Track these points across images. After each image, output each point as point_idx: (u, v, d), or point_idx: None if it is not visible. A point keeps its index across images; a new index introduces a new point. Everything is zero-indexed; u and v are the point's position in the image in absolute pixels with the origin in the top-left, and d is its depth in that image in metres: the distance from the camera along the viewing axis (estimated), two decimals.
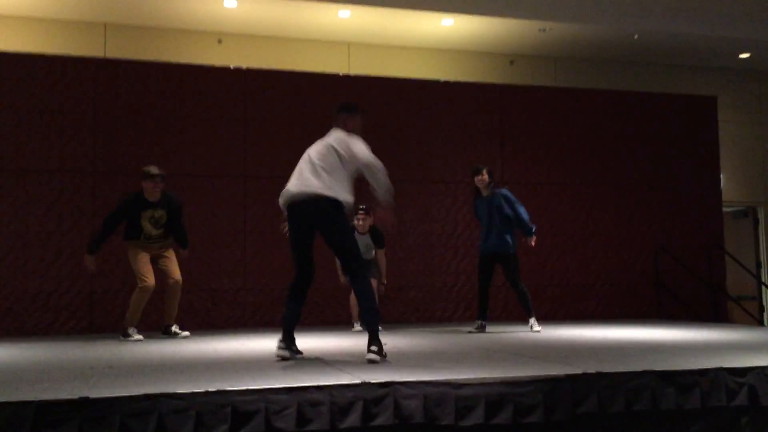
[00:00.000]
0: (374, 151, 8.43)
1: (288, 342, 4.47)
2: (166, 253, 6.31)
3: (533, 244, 6.72)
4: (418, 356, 4.61)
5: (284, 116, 8.07)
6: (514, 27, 8.86)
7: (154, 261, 6.25)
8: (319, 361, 4.25)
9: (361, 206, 6.83)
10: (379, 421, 3.23)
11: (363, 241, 6.85)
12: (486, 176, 6.75)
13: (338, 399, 3.21)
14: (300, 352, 4.56)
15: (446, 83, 8.77)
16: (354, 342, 5.66)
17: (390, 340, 5.71)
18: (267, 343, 5.61)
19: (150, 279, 6.10)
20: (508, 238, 6.65)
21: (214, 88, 7.89)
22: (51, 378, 3.67)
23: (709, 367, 3.78)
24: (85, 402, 2.94)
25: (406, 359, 4.40)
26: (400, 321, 8.04)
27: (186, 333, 6.37)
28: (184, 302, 7.44)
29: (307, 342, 5.67)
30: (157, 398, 3.02)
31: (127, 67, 7.70)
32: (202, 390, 3.09)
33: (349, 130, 4.70)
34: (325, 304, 7.84)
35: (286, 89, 8.13)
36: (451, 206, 8.50)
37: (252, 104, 7.99)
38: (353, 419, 3.20)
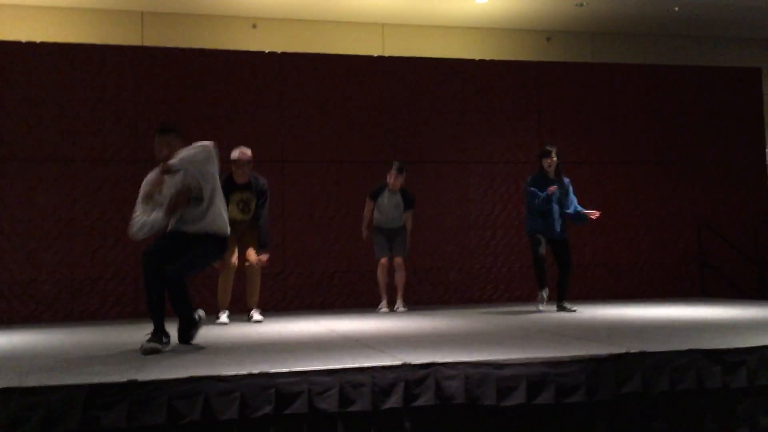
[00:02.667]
0: (411, 132, 8.46)
1: None
2: (253, 235, 6.14)
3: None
4: (459, 337, 4.61)
5: (320, 99, 8.09)
6: (550, 2, 8.72)
7: (241, 243, 6.13)
8: (360, 343, 4.29)
9: (395, 161, 6.94)
10: (420, 402, 3.26)
11: (394, 199, 6.86)
12: (555, 158, 6.64)
13: (380, 380, 3.23)
14: None
15: (482, 62, 8.68)
16: (393, 324, 5.68)
17: (430, 322, 5.72)
18: (308, 326, 5.68)
19: (228, 258, 5.94)
20: (564, 224, 6.71)
21: (249, 73, 7.94)
22: (100, 362, 3.76)
23: (756, 344, 3.72)
24: (133, 385, 3.01)
25: (446, 340, 4.41)
26: (440, 303, 8.05)
27: (259, 317, 6.16)
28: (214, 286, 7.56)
29: (347, 324, 5.71)
30: (203, 380, 3.08)
31: (165, 55, 7.79)
32: (246, 372, 3.15)
33: None
34: (365, 286, 7.88)
35: (321, 72, 8.14)
36: (489, 187, 8.44)
37: (287, 88, 8.02)
38: (395, 400, 3.23)
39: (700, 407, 3.55)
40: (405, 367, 3.29)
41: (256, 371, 3.17)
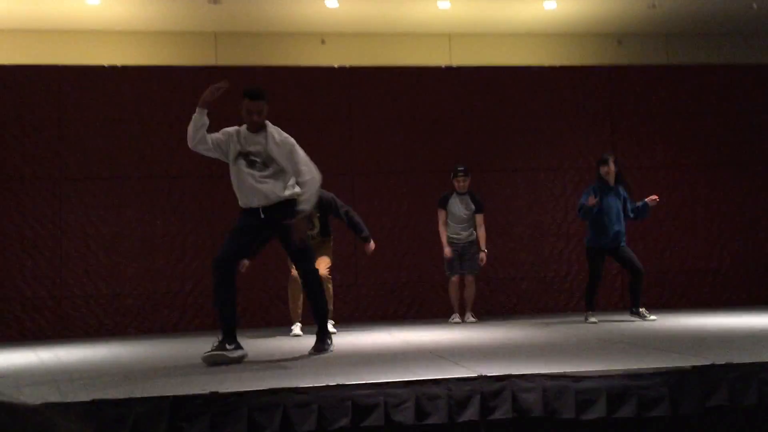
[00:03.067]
0: (481, 141, 8.42)
1: None
2: (324, 247, 6.29)
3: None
4: (534, 348, 4.55)
5: (388, 112, 8.14)
6: (621, 5, 8.53)
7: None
8: (435, 355, 4.28)
9: (460, 167, 7.06)
10: (497, 415, 3.23)
11: (463, 201, 7.03)
12: (613, 166, 6.59)
13: (455, 393, 3.22)
14: None
15: (551, 68, 8.57)
16: (467, 335, 5.65)
17: (504, 333, 5.67)
18: (382, 337, 5.71)
19: (294, 270, 5.98)
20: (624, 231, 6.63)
21: (319, 88, 8.07)
22: (182, 373, 3.88)
23: None
24: (215, 396, 3.10)
25: (521, 351, 4.36)
26: (512, 312, 7.95)
27: (333, 330, 6.15)
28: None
29: (420, 336, 5.72)
30: (281, 392, 3.14)
31: (237, 73, 7.97)
32: (323, 384, 3.19)
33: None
34: (436, 297, 7.86)
35: (390, 85, 8.20)
36: (561, 194, 8.30)
37: (356, 102, 8.11)
38: (471, 413, 3.21)
39: None
40: (481, 379, 3.27)
41: (332, 383, 3.21)
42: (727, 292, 8.40)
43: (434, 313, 7.82)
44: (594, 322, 6.38)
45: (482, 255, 7.03)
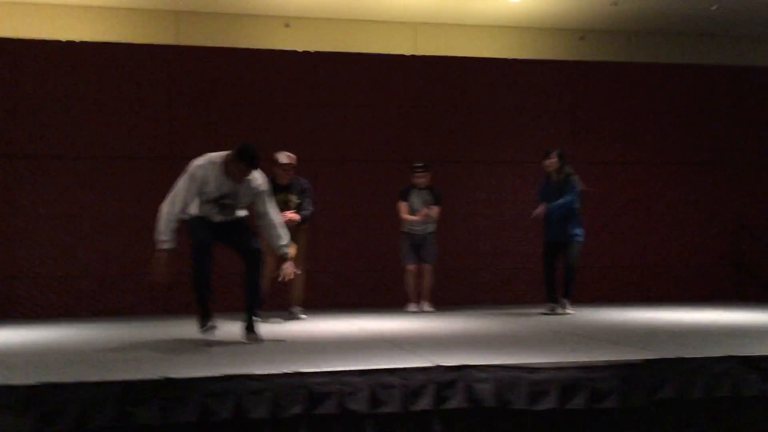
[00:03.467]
0: (443, 132, 8.43)
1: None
2: (298, 239, 6.26)
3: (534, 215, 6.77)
4: (490, 339, 4.59)
5: (352, 98, 8.09)
6: (585, 1, 8.60)
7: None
8: (391, 344, 4.28)
9: (418, 163, 7.14)
10: (451, 405, 3.25)
11: (421, 196, 7.05)
12: (555, 160, 6.67)
13: (410, 382, 3.23)
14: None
15: (515, 61, 8.61)
16: (424, 324, 5.67)
17: (460, 323, 5.70)
18: (339, 325, 5.69)
19: (271, 259, 6.06)
20: (570, 225, 6.65)
21: (282, 72, 7.98)
22: (134, 358, 3.81)
23: None
24: (167, 382, 3.05)
25: (477, 342, 4.39)
26: (470, 302, 8.01)
27: (304, 316, 6.49)
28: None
29: (377, 324, 5.72)
30: (235, 379, 3.11)
31: (198, 54, 7.86)
32: (278, 372, 3.17)
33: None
34: (393, 285, 7.87)
35: (354, 72, 8.15)
36: (521, 187, 8.36)
37: (320, 87, 8.04)
38: (425, 402, 3.22)
39: (736, 415, 3.48)
40: (436, 369, 3.28)
41: (287, 371, 3.19)
42: (678, 287, 8.58)
43: (391, 301, 7.82)
44: (545, 313, 6.51)
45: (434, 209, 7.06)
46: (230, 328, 5.52)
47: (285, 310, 6.52)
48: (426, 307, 7.07)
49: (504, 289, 8.22)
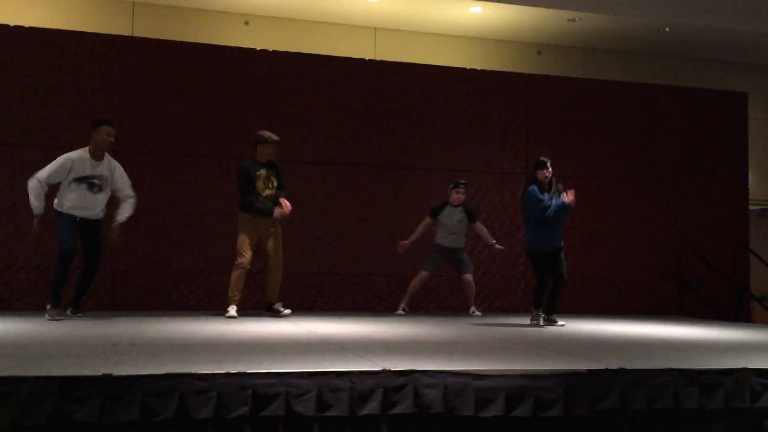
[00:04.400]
0: (397, 137, 8.45)
1: None
2: (273, 232, 6.53)
3: None
4: (439, 345, 4.60)
5: (309, 99, 8.05)
6: (543, 16, 8.76)
7: (262, 241, 6.53)
8: (341, 348, 4.26)
9: (461, 181, 7.29)
10: (398, 410, 3.23)
11: (455, 215, 7.16)
12: (551, 169, 6.41)
13: (358, 385, 3.21)
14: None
15: (472, 71, 8.69)
16: (374, 329, 5.66)
17: (410, 329, 5.70)
18: (287, 326, 5.63)
19: (246, 257, 6.37)
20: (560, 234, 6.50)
21: (239, 70, 7.88)
22: (75, 354, 3.70)
23: (733, 367, 3.73)
24: (107, 379, 2.96)
25: (426, 348, 4.39)
26: (421, 309, 8.03)
27: (288, 311, 6.61)
28: (207, 283, 7.50)
29: (327, 327, 5.68)
30: (179, 378, 3.03)
31: (154, 47, 7.71)
32: (223, 371, 3.11)
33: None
34: (345, 289, 7.85)
35: (312, 72, 8.11)
36: (474, 196, 8.43)
37: (277, 87, 7.98)
38: (373, 406, 3.20)
39: (676, 427, 3.56)
40: (384, 373, 3.27)
41: (233, 371, 3.13)
42: (622, 300, 8.77)
43: (343, 305, 7.81)
44: (539, 319, 6.40)
45: (498, 247, 7.34)
46: (175, 326, 5.41)
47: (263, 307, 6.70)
48: (475, 311, 7.39)
49: (453, 297, 8.25)
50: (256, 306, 7.52)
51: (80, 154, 5.85)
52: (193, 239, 7.53)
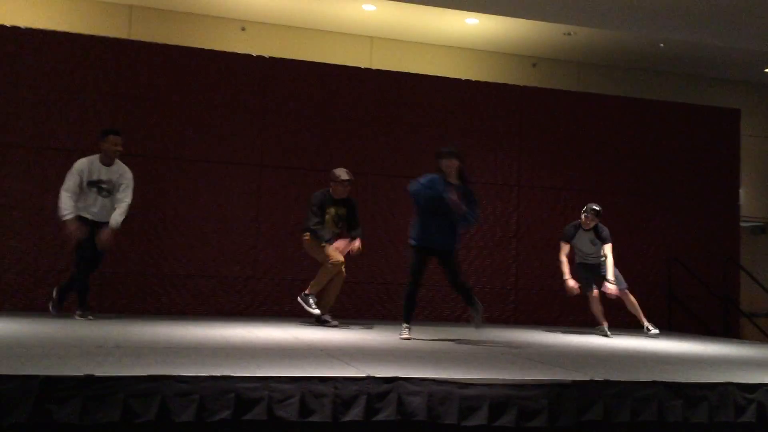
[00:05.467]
0: (391, 146, 8.45)
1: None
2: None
3: None
4: (425, 353, 4.59)
5: (303, 106, 8.05)
6: (539, 29, 8.80)
7: None
8: (325, 354, 4.24)
9: (594, 207, 7.06)
10: (381, 417, 3.22)
11: (587, 237, 7.06)
12: (456, 161, 5.63)
13: (342, 392, 3.19)
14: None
15: (467, 82, 8.72)
16: (359, 336, 5.65)
17: (396, 336, 5.69)
18: (274, 332, 5.62)
19: (339, 256, 6.34)
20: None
21: (235, 75, 7.89)
22: (57, 354, 3.68)
23: (718, 381, 3.74)
24: (89, 379, 2.94)
25: (412, 355, 4.38)
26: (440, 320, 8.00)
27: (335, 323, 6.49)
28: (197, 287, 7.48)
29: (313, 334, 5.66)
30: (162, 380, 3.02)
31: (150, 50, 7.71)
32: (206, 374, 3.09)
33: None
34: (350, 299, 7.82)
35: (308, 80, 8.11)
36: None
37: (272, 93, 7.98)
38: (356, 413, 3.19)
39: None
40: (368, 380, 3.26)
41: (216, 374, 3.11)
42: (611, 314, 8.74)
43: (335, 313, 7.78)
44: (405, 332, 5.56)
45: (610, 287, 6.97)
46: (162, 330, 5.39)
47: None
48: (651, 328, 7.20)
49: (442, 306, 8.24)
50: (245, 312, 7.51)
51: (91, 159, 6.18)
52: (183, 243, 7.51)
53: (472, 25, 8.76)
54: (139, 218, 7.37)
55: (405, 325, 5.57)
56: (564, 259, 7.06)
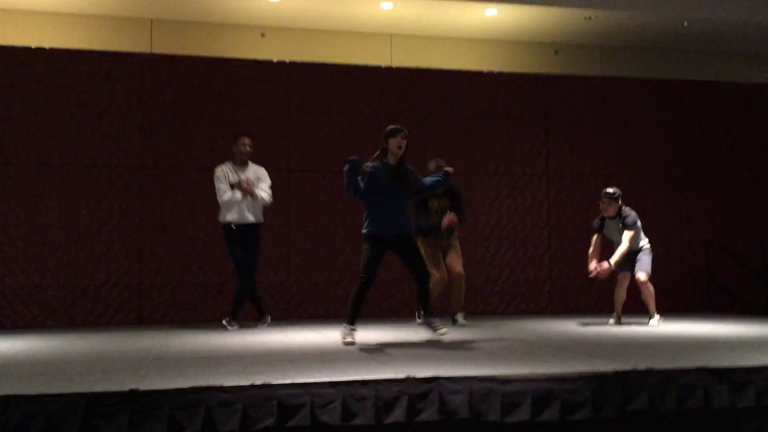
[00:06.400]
0: (417, 143, 8.43)
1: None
2: (453, 245, 6.66)
3: None
4: (463, 350, 4.58)
5: (326, 109, 8.08)
6: (559, 16, 8.70)
7: (444, 254, 6.64)
8: (364, 356, 4.26)
9: (608, 190, 6.79)
10: (424, 417, 3.22)
11: (614, 225, 6.83)
12: (404, 140, 5.30)
13: (383, 394, 3.20)
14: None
15: (490, 74, 8.67)
16: (397, 335, 5.65)
17: (433, 334, 5.67)
18: (311, 336, 5.64)
19: (436, 273, 6.38)
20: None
21: (257, 82, 7.94)
22: (102, 370, 3.74)
23: (764, 364, 3.68)
24: (134, 394, 2.99)
25: (450, 353, 4.38)
26: (442, 314, 7.99)
27: (464, 321, 6.58)
28: (229, 293, 7.54)
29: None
30: (205, 391, 3.06)
31: (173, 63, 7.80)
32: (248, 383, 3.12)
33: None
34: (370, 296, 7.83)
35: (329, 82, 8.14)
36: (495, 198, 8.41)
37: (294, 97, 8.02)
38: (398, 414, 3.20)
39: (707, 427, 3.50)
40: (408, 380, 3.26)
41: (258, 382, 3.14)
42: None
43: (367, 312, 7.77)
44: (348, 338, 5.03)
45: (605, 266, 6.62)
46: (201, 338, 5.45)
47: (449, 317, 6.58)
48: (655, 321, 6.80)
49: (477, 300, 8.21)
50: (282, 316, 7.56)
51: (226, 164, 6.54)
52: (216, 251, 7.57)
53: (492, 16, 8.69)
54: (173, 228, 7.46)
55: (350, 327, 4.97)
56: (591, 251, 6.86)
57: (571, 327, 6.39)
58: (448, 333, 5.23)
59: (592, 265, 6.73)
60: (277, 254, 7.74)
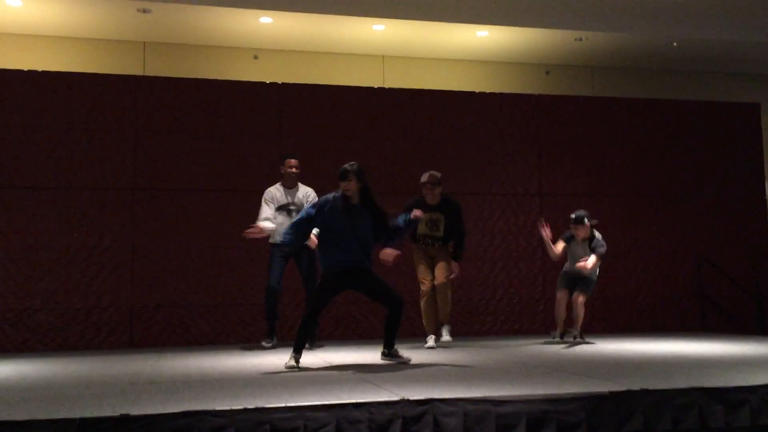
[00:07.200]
0: (409, 163, 8.46)
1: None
2: (442, 256, 6.46)
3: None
4: (457, 372, 4.55)
5: (320, 130, 8.10)
6: (550, 37, 8.79)
7: (432, 262, 6.49)
8: (358, 378, 4.23)
9: (572, 215, 6.81)
10: None
11: (582, 246, 6.84)
12: (353, 180, 5.10)
13: (377, 416, 3.18)
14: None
15: (482, 94, 8.72)
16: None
17: (427, 356, 5.66)
18: (304, 357, 5.60)
19: (426, 283, 6.44)
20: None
21: (249, 104, 7.96)
22: (93, 394, 3.70)
23: (758, 383, 3.67)
24: (126, 419, 2.96)
25: (445, 375, 4.35)
26: (436, 334, 7.96)
27: (448, 337, 6.44)
28: (226, 316, 7.50)
29: (344, 357, 5.65)
30: (197, 415, 3.03)
31: (165, 85, 7.81)
32: (241, 407, 3.09)
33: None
34: (362, 317, 7.82)
35: (322, 103, 8.17)
36: (488, 218, 8.42)
37: (287, 119, 8.04)
38: None
39: None
40: (403, 402, 3.24)
41: (251, 406, 3.12)
42: (642, 318, 8.66)
43: (360, 333, 7.77)
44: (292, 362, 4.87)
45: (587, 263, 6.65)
46: (192, 362, 5.40)
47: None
48: (578, 336, 6.79)
49: (471, 321, 8.20)
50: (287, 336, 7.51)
51: (275, 186, 6.64)
52: (209, 272, 7.55)
53: (483, 37, 8.77)
54: (166, 250, 7.43)
55: (295, 354, 4.84)
56: (551, 250, 6.86)
57: (562, 348, 6.36)
58: (410, 359, 5.15)
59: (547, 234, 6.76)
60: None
